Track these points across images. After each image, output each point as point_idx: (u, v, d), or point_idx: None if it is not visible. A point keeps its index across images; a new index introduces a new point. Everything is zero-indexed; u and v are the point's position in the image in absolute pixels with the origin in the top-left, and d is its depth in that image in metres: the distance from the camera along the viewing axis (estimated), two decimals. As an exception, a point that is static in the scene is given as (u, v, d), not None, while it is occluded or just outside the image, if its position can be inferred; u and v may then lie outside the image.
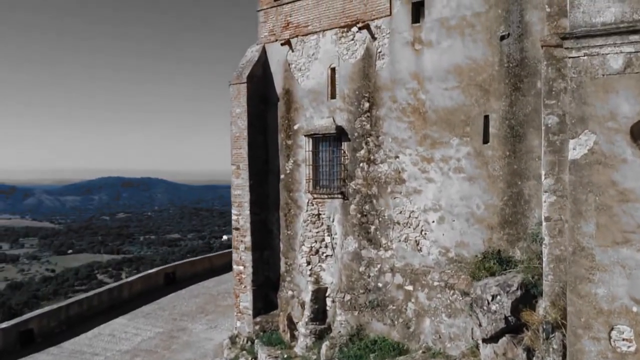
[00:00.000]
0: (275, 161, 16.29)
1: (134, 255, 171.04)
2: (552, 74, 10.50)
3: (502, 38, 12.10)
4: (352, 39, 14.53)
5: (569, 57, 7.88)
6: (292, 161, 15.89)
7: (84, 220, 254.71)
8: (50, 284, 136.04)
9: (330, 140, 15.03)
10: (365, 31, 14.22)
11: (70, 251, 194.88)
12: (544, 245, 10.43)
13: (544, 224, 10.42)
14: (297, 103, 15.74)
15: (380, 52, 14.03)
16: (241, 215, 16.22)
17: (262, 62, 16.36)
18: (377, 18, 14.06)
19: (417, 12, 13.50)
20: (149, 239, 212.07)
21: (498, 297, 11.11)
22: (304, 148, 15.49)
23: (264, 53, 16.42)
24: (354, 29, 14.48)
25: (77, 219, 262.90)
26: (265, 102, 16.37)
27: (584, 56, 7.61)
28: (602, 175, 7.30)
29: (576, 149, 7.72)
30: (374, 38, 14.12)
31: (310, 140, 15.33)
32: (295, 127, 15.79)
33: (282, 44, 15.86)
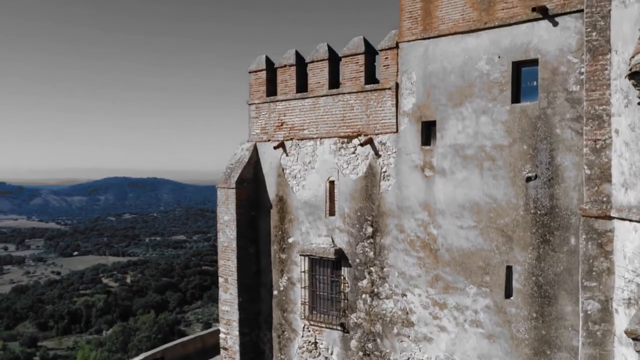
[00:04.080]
0: (267, 274, 14.56)
1: (139, 258, 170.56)
2: (592, 250, 8.72)
3: (529, 179, 10.28)
4: (354, 152, 12.75)
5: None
6: (286, 278, 14.16)
7: (90, 221, 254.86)
8: (55, 287, 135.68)
9: (328, 264, 13.29)
10: (368, 146, 12.44)
11: (75, 253, 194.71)
12: None
13: None
14: (291, 214, 13.99)
15: (385, 171, 12.25)
16: (229, 334, 14.52)
17: (254, 163, 14.61)
18: (381, 133, 12.27)
19: (428, 133, 11.70)
20: (154, 240, 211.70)
21: None
22: (300, 266, 13.75)
23: (255, 152, 14.66)
24: (355, 141, 12.70)
25: (83, 219, 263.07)
26: (256, 208, 14.63)
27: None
28: None
29: None
30: (377, 155, 12.34)
31: (306, 259, 13.59)
32: (290, 240, 14.04)
33: (275, 148, 14.09)
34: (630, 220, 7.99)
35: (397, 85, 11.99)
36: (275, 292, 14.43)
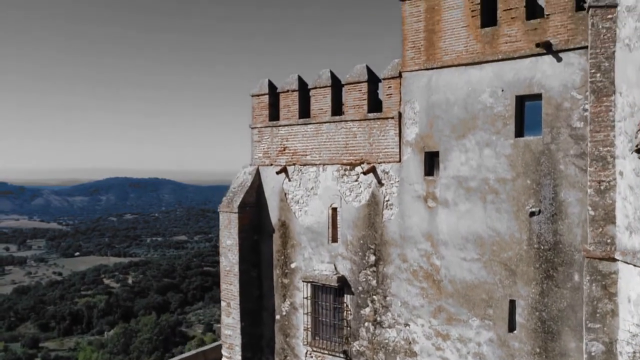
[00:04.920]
0: (270, 298, 14.56)
1: (141, 259, 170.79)
2: (596, 292, 8.71)
3: (532, 214, 10.26)
4: (356, 180, 12.74)
5: None
6: (288, 302, 14.16)
7: (91, 221, 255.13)
8: (57, 288, 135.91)
9: (331, 290, 13.28)
10: (371, 174, 12.43)
11: (77, 253, 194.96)
12: None
13: None
14: (294, 239, 13.98)
15: (387, 200, 12.24)
16: (232, 359, 14.51)
17: (256, 187, 14.61)
18: (384, 162, 12.25)
19: (431, 163, 11.69)
20: (155, 241, 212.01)
21: None
22: (302, 292, 13.74)
23: (257, 176, 14.66)
24: (358, 168, 12.69)
25: (85, 219, 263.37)
26: (259, 232, 14.63)
27: None
28: None
29: None
30: (380, 183, 12.33)
31: (309, 286, 13.58)
32: (292, 265, 14.04)
33: (277, 173, 14.08)
34: (635, 265, 7.98)
35: (400, 114, 11.98)
36: (277, 317, 14.43)
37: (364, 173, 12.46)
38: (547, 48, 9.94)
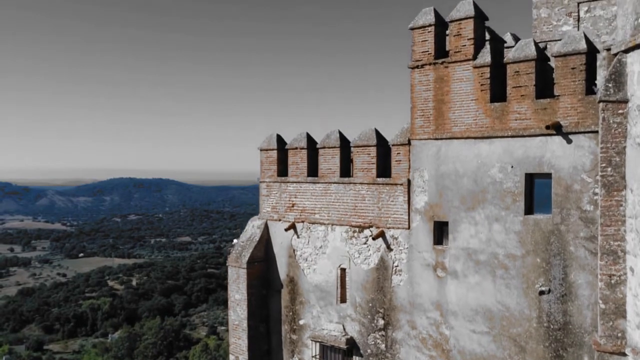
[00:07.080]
0: (278, 353, 14.63)
1: (145, 260, 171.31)
2: (606, 385, 8.71)
3: (542, 293, 10.30)
4: (365, 243, 12.78)
5: None
6: (297, 359, 14.22)
7: (95, 222, 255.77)
8: (61, 290, 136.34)
9: (339, 350, 13.33)
10: (380, 239, 12.47)
11: (81, 254, 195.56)
12: None
13: None
14: (302, 296, 14.05)
15: (397, 266, 12.28)
16: (241, 413, 14.60)
17: (265, 241, 14.67)
18: (393, 228, 12.29)
19: (440, 232, 11.73)
20: (159, 242, 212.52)
21: None
22: (310, 350, 13.81)
23: (266, 230, 14.72)
24: (367, 232, 12.74)
25: (89, 220, 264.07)
26: (267, 286, 14.70)
27: None
28: None
29: None
30: (389, 248, 12.37)
31: (317, 345, 13.64)
32: (301, 322, 14.10)
33: (286, 229, 14.14)
34: (646, 367, 8.01)
35: (409, 182, 12.01)
36: (286, 372, 14.50)
37: (373, 238, 12.50)
38: (557, 129, 9.96)
